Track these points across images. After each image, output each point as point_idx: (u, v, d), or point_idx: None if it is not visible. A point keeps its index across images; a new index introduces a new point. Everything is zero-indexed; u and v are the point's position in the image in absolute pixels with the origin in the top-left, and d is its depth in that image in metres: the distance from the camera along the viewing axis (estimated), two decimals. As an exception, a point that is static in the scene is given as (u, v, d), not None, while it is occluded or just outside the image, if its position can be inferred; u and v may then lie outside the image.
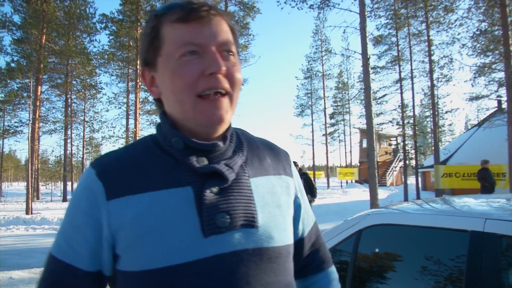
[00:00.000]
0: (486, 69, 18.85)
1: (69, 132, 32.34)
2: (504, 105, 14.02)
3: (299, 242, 1.00)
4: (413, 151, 24.98)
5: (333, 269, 1.08)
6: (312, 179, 10.55)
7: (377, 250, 2.28)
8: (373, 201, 11.98)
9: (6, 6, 22.20)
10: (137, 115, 23.81)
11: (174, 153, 0.83)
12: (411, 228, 2.15)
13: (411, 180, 30.58)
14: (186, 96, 0.80)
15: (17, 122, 26.43)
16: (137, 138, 23.46)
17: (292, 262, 0.91)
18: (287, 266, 0.87)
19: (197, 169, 0.81)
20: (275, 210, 0.87)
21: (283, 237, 0.87)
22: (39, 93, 22.06)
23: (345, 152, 51.22)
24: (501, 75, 16.49)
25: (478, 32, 17.19)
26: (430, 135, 29.79)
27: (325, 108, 42.31)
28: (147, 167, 0.82)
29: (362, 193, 27.37)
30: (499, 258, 1.72)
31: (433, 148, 23.36)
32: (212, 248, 0.77)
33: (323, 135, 42.73)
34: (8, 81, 24.32)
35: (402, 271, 2.15)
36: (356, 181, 38.97)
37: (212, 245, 0.77)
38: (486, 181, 11.98)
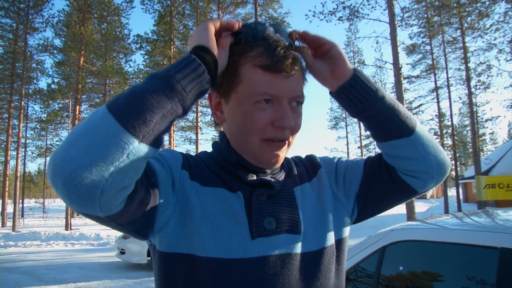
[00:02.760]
0: (527, 74, 18.05)
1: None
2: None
3: (366, 166, 1.00)
4: (452, 162, 24.16)
5: None
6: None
7: (401, 268, 2.16)
8: (410, 215, 11.60)
9: (48, 31, 23.36)
10: (172, 131, 24.29)
11: (226, 166, 0.91)
12: (437, 245, 2.03)
13: (452, 192, 29.48)
14: (252, 139, 0.87)
15: (58, 141, 27.49)
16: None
17: (338, 262, 0.94)
18: (331, 268, 0.90)
19: (247, 181, 0.89)
20: (316, 214, 0.93)
21: (324, 239, 0.91)
22: (77, 113, 22.86)
23: (382, 164, 50.13)
24: (544, 80, 15.76)
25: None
26: (470, 144, 28.73)
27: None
28: (206, 170, 0.90)
29: (400, 206, 26.47)
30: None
31: (473, 158, 22.48)
32: (259, 250, 0.82)
33: (358, 147, 41.94)
34: (50, 102, 25.40)
35: (429, 290, 2.02)
36: (393, 194, 38.03)
37: (258, 246, 0.82)
38: None
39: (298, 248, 0.86)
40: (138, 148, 0.67)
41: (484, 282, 1.77)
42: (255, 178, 0.90)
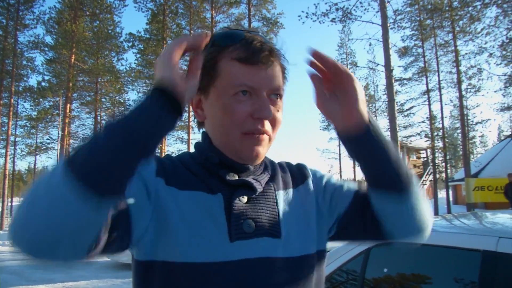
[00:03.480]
0: (517, 78, 18.25)
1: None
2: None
3: (355, 197, 0.97)
4: (443, 164, 24.31)
5: None
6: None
7: (385, 270, 2.16)
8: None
9: (38, 28, 23.18)
10: (163, 131, 24.21)
11: (209, 166, 0.89)
12: (422, 247, 2.02)
13: (442, 194, 29.72)
14: (232, 132, 0.85)
15: (48, 139, 27.26)
16: (163, 153, 23.81)
17: (318, 272, 0.91)
18: (310, 276, 0.88)
19: (228, 181, 0.87)
20: (297, 220, 0.91)
21: (306, 247, 0.89)
22: (68, 111, 22.72)
23: (373, 166, 50.39)
24: (533, 84, 15.93)
25: (506, 41, 16.72)
26: (460, 147, 29.00)
27: (351, 121, 41.88)
28: (183, 172, 0.88)
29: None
30: (513, 280, 1.58)
31: (463, 160, 22.68)
32: (237, 253, 0.80)
33: (350, 148, 42.19)
34: (40, 99, 25.20)
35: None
36: (384, 195, 38.20)
37: (237, 249, 0.81)
38: (508, 196, 11.49)
39: (278, 253, 0.84)
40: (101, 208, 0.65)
41: (468, 284, 1.77)
42: (237, 178, 0.88)
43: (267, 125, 0.86)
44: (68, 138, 22.71)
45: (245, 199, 0.86)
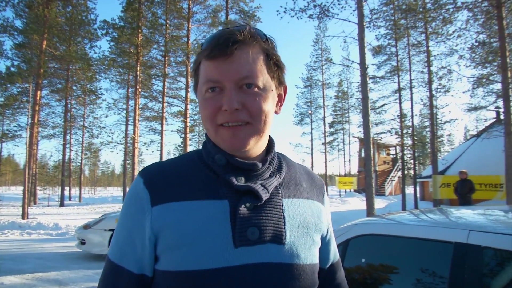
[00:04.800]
0: (484, 80, 18.92)
1: (68, 137, 32.42)
2: (503, 116, 14.04)
3: (330, 267, 1.07)
4: (411, 161, 24.96)
5: None
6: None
7: (363, 260, 2.27)
8: (370, 211, 11.96)
9: (8, 11, 22.29)
10: (136, 121, 23.86)
11: (216, 168, 0.92)
12: (397, 239, 2.15)
13: (410, 190, 30.54)
14: (210, 126, 0.90)
15: (16, 126, 26.34)
16: (136, 144, 23.49)
17: (317, 283, 0.95)
18: (308, 284, 0.91)
19: (235, 186, 0.88)
20: (303, 230, 0.94)
21: (308, 256, 0.92)
22: (38, 98, 22.10)
23: (344, 161, 51.20)
24: (499, 86, 16.54)
25: (476, 44, 17.28)
26: (428, 145, 29.81)
27: (324, 117, 42.35)
28: (189, 178, 0.91)
29: (360, 202, 27.31)
30: (481, 270, 1.72)
31: (431, 158, 23.35)
32: (241, 258, 0.84)
33: (322, 144, 42.72)
34: (8, 85, 24.34)
35: (388, 282, 2.14)
36: (355, 190, 38.91)
37: (240, 255, 0.84)
38: (457, 193, 12.09)
39: (281, 258, 0.87)
40: None
41: (439, 273, 1.90)
42: (243, 182, 0.90)
43: (240, 115, 0.87)
44: (37, 126, 22.10)
45: (250, 206, 0.88)
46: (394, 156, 39.76)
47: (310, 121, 42.83)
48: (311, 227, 0.96)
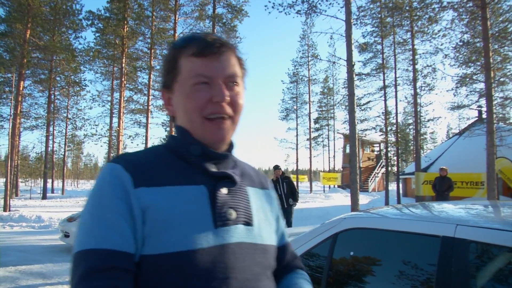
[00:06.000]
0: (467, 79, 19.24)
1: (51, 129, 31.90)
2: (484, 115, 14.31)
3: (281, 248, 1.15)
4: (395, 158, 25.29)
5: (305, 273, 1.20)
6: (295, 183, 10.59)
7: (352, 253, 2.32)
8: (354, 206, 12.09)
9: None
10: (121, 113, 23.61)
11: (190, 158, 0.98)
12: (385, 232, 2.20)
13: (393, 186, 30.93)
14: (195, 117, 0.96)
15: (-3, 117, 25.91)
16: (121, 136, 23.23)
17: (274, 261, 1.05)
18: (271, 263, 1.02)
19: (212, 172, 0.97)
20: (264, 214, 1.06)
21: (270, 238, 1.04)
22: (21, 88, 21.68)
23: (329, 157, 51.56)
24: (482, 85, 16.85)
25: (460, 43, 17.54)
26: (412, 142, 30.19)
27: (310, 113, 42.50)
28: (164, 167, 0.95)
29: (344, 198, 27.57)
30: (468, 263, 1.77)
31: (414, 155, 23.69)
32: (221, 238, 0.90)
33: (307, 139, 42.88)
34: (-10, 75, 23.83)
35: (376, 274, 2.19)
36: (339, 186, 39.24)
37: (220, 235, 0.90)
38: (435, 189, 12.32)
39: (253, 238, 0.97)
40: None
41: (427, 266, 1.96)
42: (216, 170, 0.99)
43: (227, 108, 0.97)
44: (20, 116, 21.72)
45: (225, 190, 0.97)
46: (378, 152, 40.21)
47: (296, 117, 42.94)
48: (268, 212, 1.09)
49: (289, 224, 10.17)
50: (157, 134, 41.76)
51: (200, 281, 0.84)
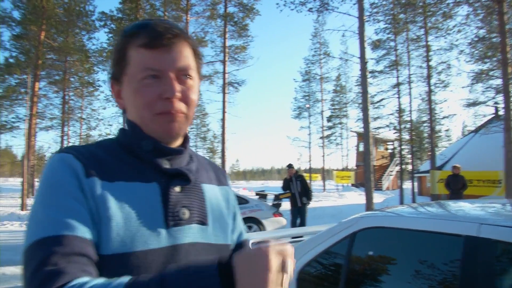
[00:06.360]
0: (483, 75, 18.92)
1: (66, 129, 32.24)
2: (501, 112, 14.06)
3: (239, 247, 1.08)
4: (409, 156, 25.03)
5: None
6: (308, 181, 10.55)
7: (371, 253, 2.27)
8: (369, 205, 12.00)
9: (6, 1, 22.08)
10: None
11: (142, 154, 0.92)
12: (405, 232, 2.15)
13: (407, 185, 30.62)
14: (145, 114, 0.90)
15: (14, 118, 26.17)
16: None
17: None
18: None
19: (164, 169, 0.91)
20: (219, 213, 1.01)
21: (225, 237, 0.99)
22: (36, 89, 21.94)
23: (342, 156, 51.34)
24: (498, 82, 16.55)
25: (476, 39, 17.27)
26: (426, 140, 29.84)
27: (322, 111, 42.32)
28: (115, 162, 0.89)
29: (358, 197, 27.38)
30: (494, 263, 1.72)
31: (429, 153, 23.40)
32: (173, 238, 0.86)
33: (320, 138, 42.70)
34: (6, 76, 24.19)
35: (396, 274, 2.15)
36: (352, 185, 38.99)
37: (173, 235, 0.86)
38: (449, 187, 12.05)
39: (207, 238, 0.93)
40: None
41: (449, 266, 1.91)
42: (170, 166, 0.93)
43: (178, 104, 0.90)
44: (35, 117, 22.01)
45: (179, 188, 0.92)
46: (392, 151, 39.84)
47: (308, 115, 42.78)
48: (224, 211, 1.03)
49: (303, 222, 10.13)
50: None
51: None
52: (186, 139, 1.02)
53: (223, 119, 22.81)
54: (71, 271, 0.69)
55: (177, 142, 0.98)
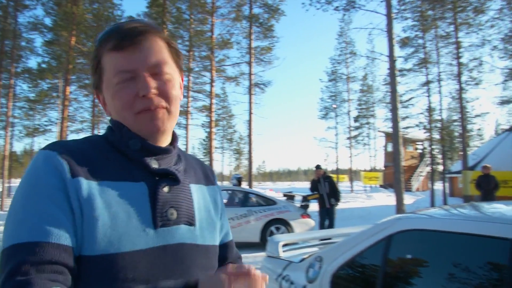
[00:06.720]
0: (518, 72, 18.28)
1: (95, 132, 33.00)
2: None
3: (224, 246, 1.10)
4: (440, 156, 24.43)
5: None
6: (336, 182, 10.43)
7: (410, 256, 2.20)
8: (399, 206, 11.75)
9: (38, 9, 22.80)
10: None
11: (129, 153, 0.91)
12: (444, 234, 2.06)
13: (438, 186, 29.90)
14: (126, 115, 0.90)
15: (46, 121, 27.08)
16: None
17: (217, 262, 1.01)
18: (213, 264, 0.98)
19: (152, 169, 0.91)
20: (207, 214, 1.00)
21: (212, 238, 0.99)
22: (67, 93, 22.54)
23: (370, 156, 50.57)
24: (534, 78, 15.96)
25: (510, 34, 16.69)
26: (457, 139, 29.07)
27: (349, 111, 41.85)
28: (103, 160, 0.88)
29: (386, 198, 26.91)
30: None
31: (460, 153, 22.77)
32: (161, 239, 0.85)
33: (347, 138, 42.23)
34: (39, 81, 25.00)
35: (435, 278, 2.06)
36: (380, 186, 38.37)
37: (160, 236, 0.85)
38: (481, 188, 11.59)
39: (194, 239, 0.92)
40: None
41: (494, 270, 1.81)
42: (158, 166, 0.92)
43: (157, 100, 0.90)
44: (67, 120, 22.60)
45: (167, 188, 0.91)
46: (422, 151, 39.02)
47: (335, 116, 42.35)
48: (212, 211, 1.03)
49: (331, 224, 10.01)
50: (197, 135, 42.52)
51: (138, 284, 0.79)
52: (174, 137, 1.02)
53: (249, 120, 22.86)
54: (39, 282, 0.69)
55: (166, 141, 0.98)
